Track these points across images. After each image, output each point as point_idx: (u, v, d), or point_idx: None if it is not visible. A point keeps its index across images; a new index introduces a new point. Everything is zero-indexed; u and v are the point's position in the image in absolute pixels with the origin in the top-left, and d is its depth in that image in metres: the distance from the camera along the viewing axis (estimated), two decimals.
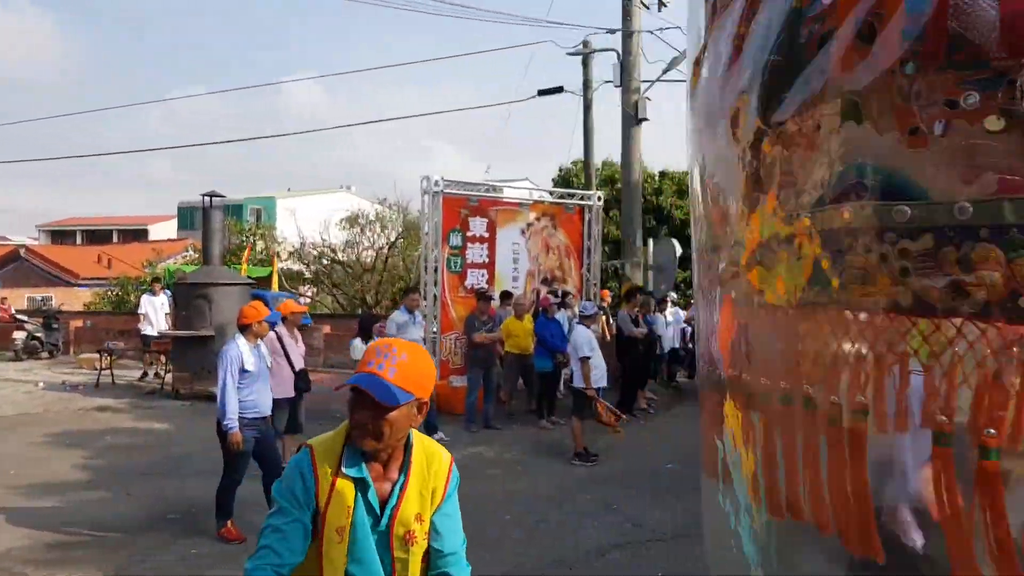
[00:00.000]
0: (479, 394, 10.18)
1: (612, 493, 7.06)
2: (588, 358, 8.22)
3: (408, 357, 1.99)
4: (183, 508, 6.46)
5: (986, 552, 1.47)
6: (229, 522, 5.66)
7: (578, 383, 8.38)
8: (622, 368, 11.32)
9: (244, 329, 5.79)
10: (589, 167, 16.03)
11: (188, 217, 40.32)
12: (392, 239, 24.33)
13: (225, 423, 5.53)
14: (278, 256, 25.60)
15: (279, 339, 6.90)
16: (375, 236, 24.44)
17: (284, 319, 7.09)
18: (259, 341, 5.91)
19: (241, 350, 5.66)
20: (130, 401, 12.07)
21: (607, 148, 47.93)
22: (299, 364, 7.12)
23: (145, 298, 14.76)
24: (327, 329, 17.21)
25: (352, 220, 24.68)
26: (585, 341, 8.33)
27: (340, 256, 24.16)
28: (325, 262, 24.14)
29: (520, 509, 6.50)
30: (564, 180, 22.69)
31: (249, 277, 19.68)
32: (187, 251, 28.10)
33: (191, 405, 11.62)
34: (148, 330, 14.17)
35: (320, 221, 24.34)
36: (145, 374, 14.44)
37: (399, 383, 1.92)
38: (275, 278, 20.57)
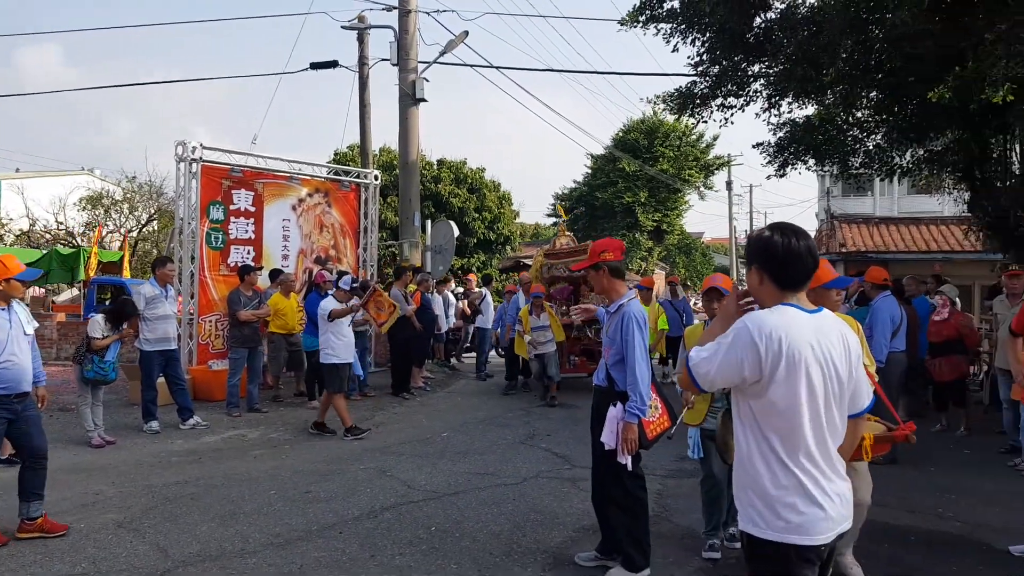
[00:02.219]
0: (243, 376, 9.48)
1: (386, 462, 6.87)
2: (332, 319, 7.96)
3: None
4: None
5: None
6: None
7: (326, 358, 8.02)
8: (393, 346, 11.15)
9: None
10: (365, 144, 15.59)
11: None
12: (143, 221, 22.10)
13: None
14: (1, 239, 22.30)
15: None
16: (122, 218, 22.04)
17: None
18: (12, 304, 4.91)
19: None
20: None
21: (384, 136, 47.32)
22: None
23: None
24: (60, 318, 15.19)
25: (94, 200, 22.02)
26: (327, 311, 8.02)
27: (79, 240, 21.51)
28: (61, 246, 21.39)
29: (286, 484, 6.09)
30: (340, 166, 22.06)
31: (100, 262, 16.90)
32: None
33: None
34: None
35: (55, 200, 21.49)
36: None
37: None
38: (126, 264, 17.80)
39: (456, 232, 15.26)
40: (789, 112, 10.68)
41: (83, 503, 5.47)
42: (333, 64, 15.32)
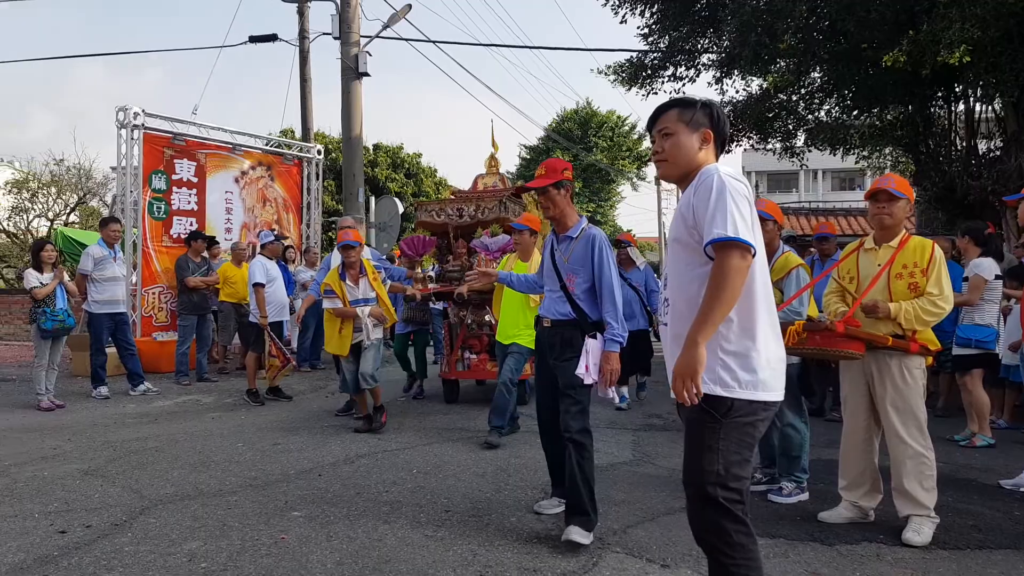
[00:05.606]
0: (192, 345, 9.15)
1: (350, 420, 6.73)
2: (262, 285, 7.64)
3: None
4: None
5: None
6: None
7: (252, 317, 7.74)
8: None
9: None
10: (307, 119, 15.21)
11: None
12: (72, 205, 21.09)
13: None
14: None
15: None
16: (49, 201, 20.99)
17: None
18: None
19: None
20: None
21: (319, 120, 46.29)
22: None
23: None
24: None
25: (20, 184, 20.92)
26: (260, 269, 7.74)
27: (7, 225, 20.41)
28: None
29: (252, 438, 5.90)
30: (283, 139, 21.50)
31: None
32: None
33: None
34: None
35: None
36: None
37: None
38: None
39: (401, 209, 15.07)
40: (741, 79, 10.88)
41: (42, 456, 5.18)
42: (273, 37, 14.91)
